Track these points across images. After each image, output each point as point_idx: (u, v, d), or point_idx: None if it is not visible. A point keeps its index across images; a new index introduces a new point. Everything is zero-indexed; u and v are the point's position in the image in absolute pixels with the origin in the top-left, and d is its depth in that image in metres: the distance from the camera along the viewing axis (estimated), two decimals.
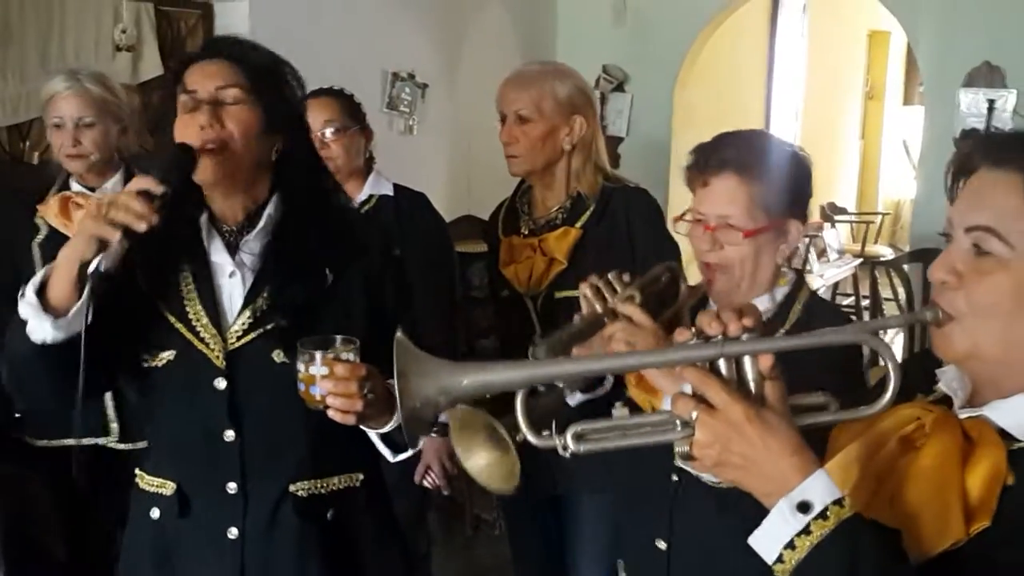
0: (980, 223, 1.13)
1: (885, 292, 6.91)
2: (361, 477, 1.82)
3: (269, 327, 1.69)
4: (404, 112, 4.90)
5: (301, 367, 1.56)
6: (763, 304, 1.74)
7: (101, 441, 2.65)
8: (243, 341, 1.71)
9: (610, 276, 1.76)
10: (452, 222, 4.83)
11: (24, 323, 1.56)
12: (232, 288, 1.73)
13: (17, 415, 2.71)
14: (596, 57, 5.73)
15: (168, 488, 1.75)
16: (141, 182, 1.56)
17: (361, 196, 2.74)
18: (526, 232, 2.53)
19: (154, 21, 3.91)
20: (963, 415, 1.16)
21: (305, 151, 1.78)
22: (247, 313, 1.71)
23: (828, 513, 1.03)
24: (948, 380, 1.22)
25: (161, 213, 1.55)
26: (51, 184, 2.67)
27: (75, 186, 2.65)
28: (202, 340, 1.70)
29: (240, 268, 1.73)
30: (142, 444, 2.56)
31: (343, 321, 1.68)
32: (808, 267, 7.23)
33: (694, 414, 1.07)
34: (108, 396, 2.60)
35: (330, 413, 1.55)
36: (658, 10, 5.65)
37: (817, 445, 1.14)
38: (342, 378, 1.53)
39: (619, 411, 1.14)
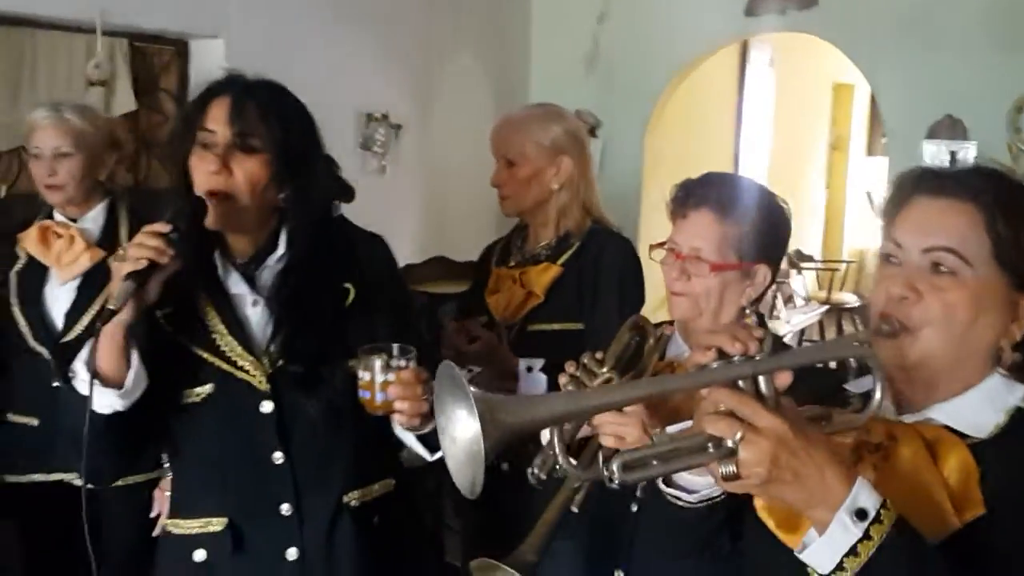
0: (940, 244, 1.23)
1: None
2: (393, 482, 1.85)
3: (302, 345, 1.71)
4: (377, 152, 4.92)
5: (365, 375, 1.60)
6: None
7: (67, 477, 2.59)
8: (281, 363, 1.72)
9: (584, 360, 1.78)
10: (424, 263, 4.85)
11: (82, 398, 1.54)
12: (258, 315, 1.74)
13: None
14: (568, 102, 5.68)
15: (216, 524, 1.73)
16: (149, 228, 1.57)
17: None
18: (513, 264, 2.59)
19: (128, 56, 3.91)
20: (909, 421, 1.25)
21: (312, 193, 1.76)
22: (279, 340, 1.72)
23: (882, 517, 1.06)
24: (860, 387, 1.30)
25: (174, 249, 1.56)
26: (35, 216, 2.66)
27: (58, 216, 2.63)
28: (241, 368, 1.71)
29: (262, 296, 1.74)
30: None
31: (369, 333, 1.71)
32: (776, 313, 7.31)
33: (739, 434, 1.07)
34: None
35: (397, 417, 1.61)
36: (630, 58, 5.74)
37: None
38: (409, 383, 1.59)
39: (660, 437, 1.14)
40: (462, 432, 1.06)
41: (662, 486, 1.30)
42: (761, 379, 1.11)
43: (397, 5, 4.98)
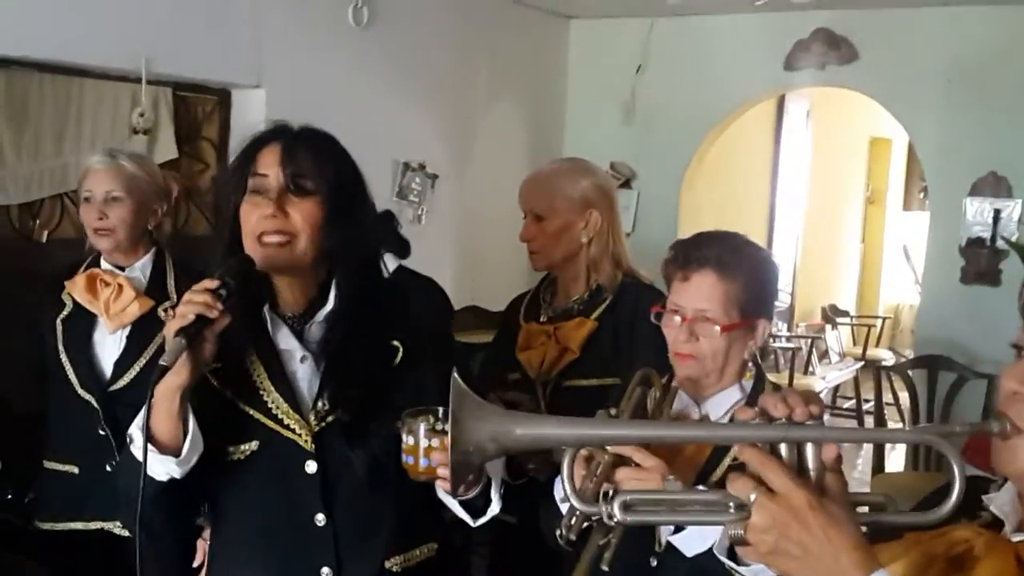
0: None
1: (886, 396, 6.87)
2: (436, 546, 1.81)
3: (350, 394, 1.69)
4: (413, 201, 4.94)
5: (408, 439, 1.58)
6: (735, 394, 1.85)
7: (107, 526, 2.57)
8: (327, 421, 1.69)
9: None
10: (457, 312, 4.84)
11: (138, 464, 1.53)
12: (306, 372, 1.72)
13: (26, 499, 2.67)
14: (604, 154, 5.79)
15: None
16: (198, 285, 1.56)
17: None
18: (544, 319, 2.57)
19: (172, 105, 3.97)
20: (1016, 539, 1.12)
21: (358, 239, 1.75)
22: (325, 395, 1.70)
23: None
24: (1000, 504, 1.18)
25: (224, 303, 1.54)
26: (82, 262, 2.67)
27: (104, 264, 2.65)
28: (286, 427, 1.69)
29: (310, 352, 1.72)
30: None
31: (418, 393, 1.68)
32: (811, 369, 7.21)
33: (752, 496, 1.02)
34: None
35: (439, 483, 1.57)
36: (666, 110, 5.75)
37: None
38: None
39: (672, 484, 1.11)
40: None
41: (729, 563, 1.24)
42: (809, 450, 1.06)
43: (435, 56, 5.04)
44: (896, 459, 6.02)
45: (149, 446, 1.53)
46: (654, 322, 2.46)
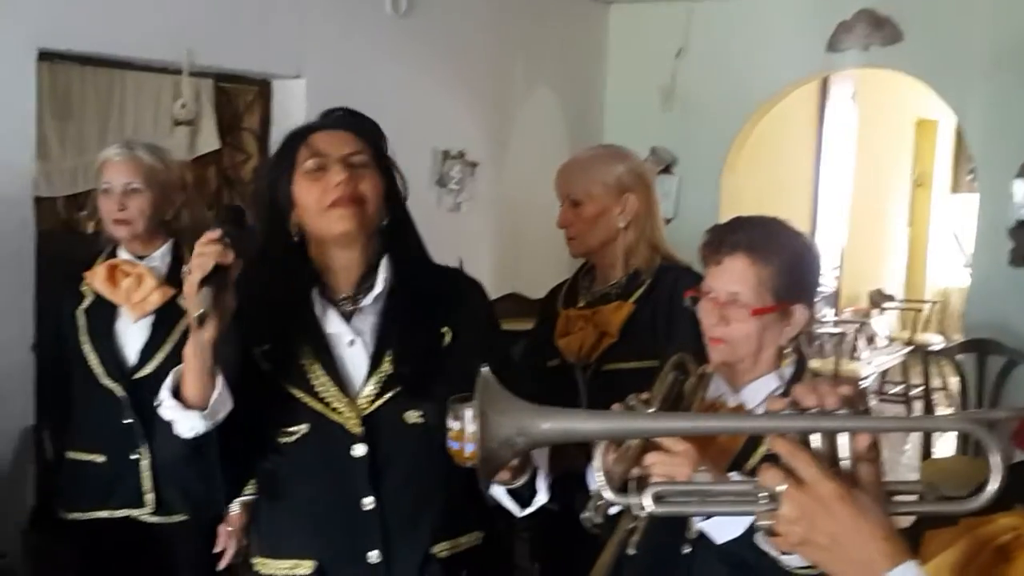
0: None
1: (934, 381, 6.76)
2: (482, 535, 1.82)
3: (398, 389, 1.71)
4: (453, 189, 4.95)
5: (454, 424, 1.57)
6: (772, 382, 1.82)
7: (135, 513, 2.61)
8: (376, 405, 1.72)
9: (631, 402, 1.75)
10: (497, 300, 4.85)
11: (169, 426, 1.58)
12: (354, 356, 1.74)
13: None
14: (644, 139, 5.76)
15: (304, 567, 1.73)
16: (204, 236, 1.58)
17: None
18: (582, 305, 2.56)
19: (213, 97, 4.01)
20: None
21: (408, 219, 1.81)
22: (375, 378, 1.72)
23: None
24: None
25: (232, 249, 1.56)
26: (100, 252, 2.70)
27: (123, 254, 2.67)
28: (334, 410, 1.71)
29: (359, 335, 1.74)
30: (178, 517, 2.56)
31: (465, 379, 1.68)
32: (857, 354, 7.12)
33: (782, 487, 1.02)
34: (146, 465, 2.59)
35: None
36: (707, 94, 5.69)
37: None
38: None
39: (701, 475, 1.10)
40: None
41: (773, 552, 1.22)
42: (842, 439, 1.05)
43: (474, 43, 5.04)
44: (945, 444, 5.93)
45: (174, 403, 1.57)
46: (688, 307, 2.46)
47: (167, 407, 1.59)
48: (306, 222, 1.70)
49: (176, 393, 1.59)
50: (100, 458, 2.63)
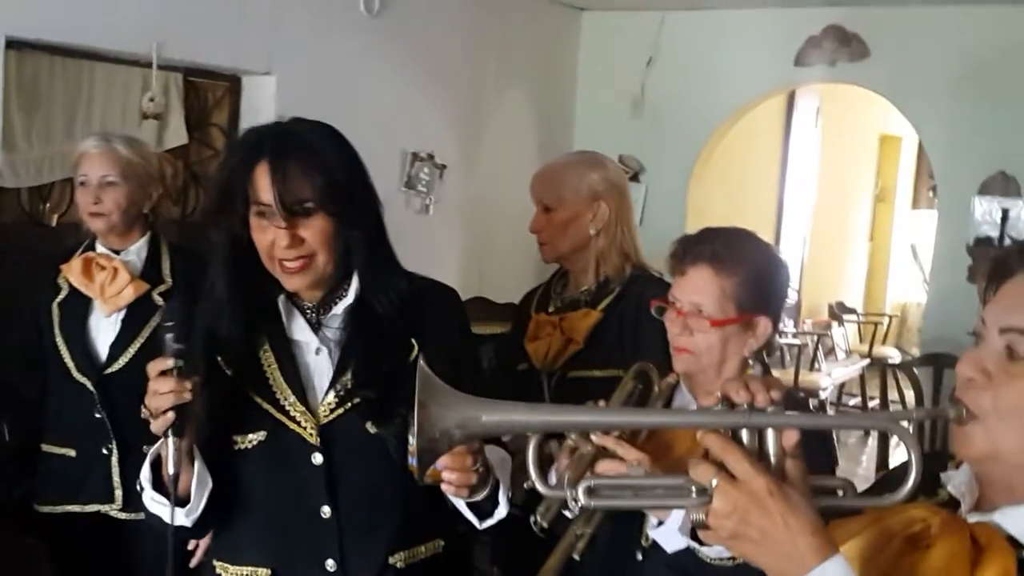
0: (1017, 325, 1.11)
1: (891, 394, 6.85)
2: (442, 543, 1.81)
3: (358, 401, 1.69)
4: (421, 192, 4.94)
5: (414, 441, 1.56)
6: None
7: (104, 508, 2.59)
8: (335, 415, 1.70)
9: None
10: (464, 303, 4.85)
11: (157, 518, 1.65)
12: (319, 365, 1.73)
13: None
14: (613, 146, 5.76)
15: (261, 574, 1.73)
16: (154, 367, 1.56)
17: None
18: (552, 310, 2.58)
19: (182, 91, 3.97)
20: (972, 519, 1.14)
21: (371, 237, 1.74)
22: (337, 387, 1.71)
23: None
24: (957, 484, 1.20)
25: (183, 370, 1.55)
26: (78, 246, 2.68)
27: (100, 248, 2.65)
28: (292, 418, 1.70)
29: (326, 344, 1.73)
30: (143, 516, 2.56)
31: None
32: (816, 365, 7.21)
33: (714, 481, 1.04)
34: (115, 460, 2.57)
35: (444, 487, 1.56)
36: (676, 104, 5.74)
37: None
38: (458, 454, 1.53)
39: (635, 469, 1.12)
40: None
41: (692, 543, 1.26)
42: (770, 435, 1.07)
43: (445, 46, 5.04)
44: (902, 454, 6.02)
45: (156, 497, 1.63)
46: (655, 316, 2.48)
47: (150, 500, 1.63)
48: (267, 264, 1.68)
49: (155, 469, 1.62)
50: (71, 452, 2.62)
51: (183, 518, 1.62)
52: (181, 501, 1.61)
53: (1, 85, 3.27)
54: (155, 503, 1.63)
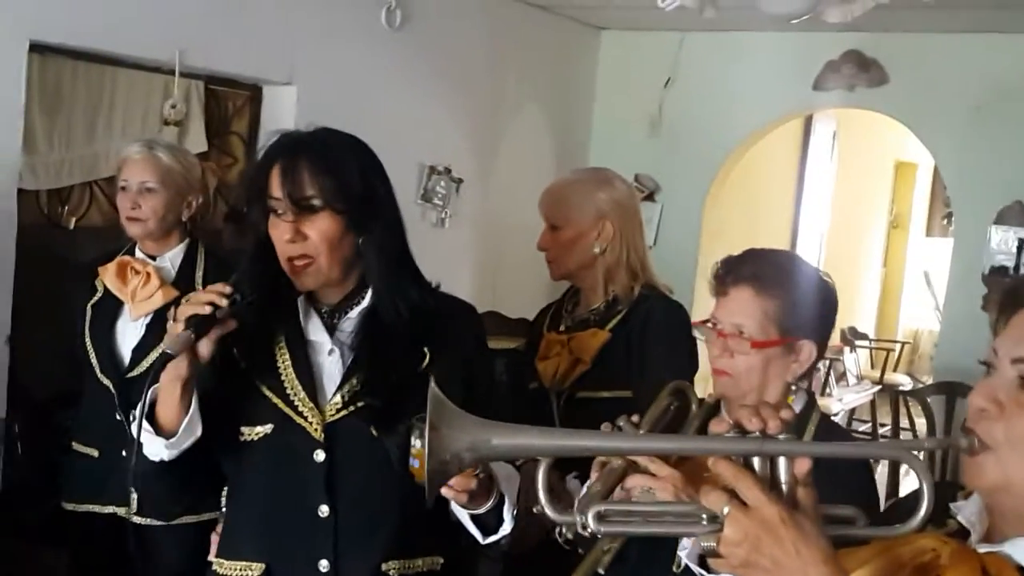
0: None
1: (902, 421, 6.81)
2: (441, 561, 1.81)
3: (364, 404, 1.70)
4: (437, 205, 4.96)
5: (416, 443, 1.56)
6: None
7: (121, 511, 2.61)
8: (341, 415, 1.72)
9: (621, 423, 1.75)
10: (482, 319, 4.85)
11: (141, 444, 1.62)
12: (331, 365, 1.75)
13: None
14: (629, 165, 5.77)
15: (254, 570, 1.73)
16: (212, 287, 1.62)
17: None
18: (563, 329, 2.57)
19: (203, 98, 4.00)
20: (982, 550, 1.13)
21: (388, 235, 1.76)
22: (345, 388, 1.72)
23: None
24: (967, 514, 1.19)
25: (233, 308, 1.59)
26: (119, 249, 2.72)
27: (138, 253, 2.70)
28: (299, 413, 1.71)
29: (339, 346, 1.75)
30: (158, 522, 2.55)
31: None
32: (828, 390, 7.18)
33: (726, 509, 1.03)
34: (132, 464, 2.59)
35: (443, 490, 1.55)
36: (693, 124, 5.74)
37: None
38: None
39: (644, 495, 1.11)
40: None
41: (700, 571, 1.25)
42: (782, 463, 1.07)
43: (465, 61, 5.06)
44: (912, 482, 5.98)
45: (146, 425, 1.60)
46: (667, 335, 2.46)
47: (137, 427, 1.61)
48: (282, 263, 1.71)
49: (152, 409, 1.62)
50: (95, 452, 2.65)
51: (163, 450, 1.61)
52: (168, 435, 1.61)
53: (24, 88, 3.30)
54: (144, 432, 1.62)
